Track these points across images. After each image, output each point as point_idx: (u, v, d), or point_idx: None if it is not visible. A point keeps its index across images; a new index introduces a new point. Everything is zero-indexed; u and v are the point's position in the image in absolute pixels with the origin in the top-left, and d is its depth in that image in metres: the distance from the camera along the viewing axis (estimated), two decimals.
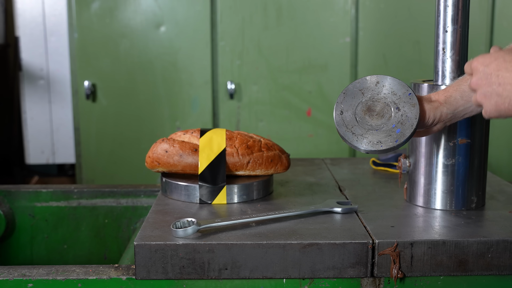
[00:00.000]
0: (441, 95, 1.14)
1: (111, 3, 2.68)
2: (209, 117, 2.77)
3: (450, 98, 1.13)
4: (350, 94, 1.17)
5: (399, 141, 1.12)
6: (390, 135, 1.13)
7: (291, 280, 1.15)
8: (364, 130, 1.15)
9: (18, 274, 1.15)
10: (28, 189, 1.71)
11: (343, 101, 1.17)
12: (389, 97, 1.15)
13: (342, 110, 1.16)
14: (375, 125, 1.14)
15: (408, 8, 2.73)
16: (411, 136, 1.13)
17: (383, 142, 1.13)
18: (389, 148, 1.13)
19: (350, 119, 1.16)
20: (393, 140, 1.13)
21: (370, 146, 1.13)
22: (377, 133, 1.14)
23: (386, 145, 1.13)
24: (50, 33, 3.24)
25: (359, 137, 1.14)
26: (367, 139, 1.14)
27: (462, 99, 1.12)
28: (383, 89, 1.16)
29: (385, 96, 1.16)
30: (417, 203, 1.36)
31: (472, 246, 1.14)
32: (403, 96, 1.15)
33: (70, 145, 3.29)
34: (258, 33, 2.70)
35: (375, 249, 1.13)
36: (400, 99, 1.15)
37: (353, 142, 1.14)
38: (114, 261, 1.71)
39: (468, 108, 1.12)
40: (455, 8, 1.26)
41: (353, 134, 1.15)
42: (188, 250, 1.12)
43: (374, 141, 1.13)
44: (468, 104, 1.12)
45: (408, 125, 1.13)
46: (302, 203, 1.38)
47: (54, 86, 3.29)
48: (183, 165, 1.40)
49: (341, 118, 1.16)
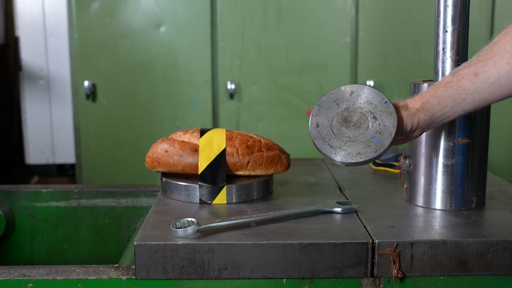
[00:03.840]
0: (417, 101, 1.12)
1: (111, 3, 2.68)
2: (209, 117, 2.77)
3: (427, 104, 1.11)
4: (325, 106, 1.13)
5: (379, 151, 1.09)
6: (369, 145, 1.09)
7: (291, 280, 1.15)
8: (341, 142, 1.11)
9: (18, 274, 1.15)
10: (28, 189, 1.71)
11: (318, 113, 1.13)
12: (365, 107, 1.12)
13: (318, 123, 1.12)
14: (353, 136, 1.11)
15: (408, 8, 2.73)
16: (391, 145, 1.10)
17: (362, 154, 1.09)
18: (369, 159, 1.09)
19: (326, 131, 1.12)
20: (372, 150, 1.09)
21: (349, 158, 1.09)
22: (355, 144, 1.10)
23: (365, 156, 1.09)
24: (50, 33, 3.24)
25: (337, 150, 1.10)
26: (345, 151, 1.10)
27: (439, 104, 1.10)
28: (359, 99, 1.12)
29: (361, 106, 1.12)
30: (417, 203, 1.36)
31: (472, 246, 1.14)
32: (379, 105, 1.11)
33: (70, 145, 3.29)
34: (258, 33, 2.70)
35: (375, 249, 1.13)
36: (377, 108, 1.11)
37: (331, 156, 1.10)
38: (114, 261, 1.71)
39: (446, 114, 1.11)
40: (455, 8, 1.26)
41: (330, 147, 1.11)
42: (188, 250, 1.12)
43: (353, 153, 1.10)
44: (445, 109, 1.10)
45: (386, 134, 1.09)
46: (302, 203, 1.38)
47: (54, 86, 3.29)
48: (183, 165, 1.40)
49: (317, 131, 1.12)
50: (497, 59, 1.08)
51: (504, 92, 1.10)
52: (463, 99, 1.10)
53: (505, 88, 1.09)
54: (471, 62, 1.12)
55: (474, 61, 1.12)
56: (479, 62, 1.10)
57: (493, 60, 1.09)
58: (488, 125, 1.32)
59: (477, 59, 1.11)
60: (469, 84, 1.10)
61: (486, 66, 1.09)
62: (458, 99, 1.10)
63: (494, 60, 1.09)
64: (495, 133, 2.46)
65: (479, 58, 1.11)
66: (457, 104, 1.10)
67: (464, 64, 1.13)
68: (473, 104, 1.11)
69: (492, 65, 1.09)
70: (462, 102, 1.10)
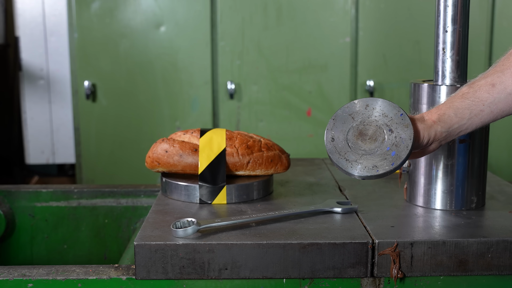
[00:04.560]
0: (434, 113, 1.11)
1: (111, 3, 2.68)
2: (209, 117, 2.77)
3: (444, 116, 1.10)
4: (340, 120, 1.13)
5: (395, 164, 1.08)
6: (385, 158, 1.08)
7: (291, 280, 1.15)
8: (357, 155, 1.10)
9: (18, 274, 1.15)
10: (28, 189, 1.71)
11: (333, 127, 1.12)
12: (381, 120, 1.11)
13: (333, 137, 1.12)
14: (369, 149, 1.10)
15: (408, 8, 2.73)
16: (407, 157, 1.09)
17: (379, 166, 1.08)
18: (386, 172, 1.08)
19: (342, 145, 1.11)
20: (389, 163, 1.08)
21: (365, 171, 1.08)
22: (372, 157, 1.09)
23: (382, 169, 1.08)
24: (50, 33, 3.24)
25: (353, 163, 1.09)
26: (361, 164, 1.09)
27: (456, 116, 1.09)
28: (374, 112, 1.12)
29: (376, 119, 1.11)
30: (417, 203, 1.36)
31: (472, 246, 1.14)
32: (394, 117, 1.10)
33: (70, 145, 3.29)
34: (258, 33, 2.70)
35: (375, 249, 1.13)
36: (392, 121, 1.10)
37: (347, 169, 1.09)
38: (114, 261, 1.71)
39: (463, 126, 1.10)
40: (455, 8, 1.26)
41: (346, 160, 1.10)
42: (188, 250, 1.12)
43: (369, 166, 1.09)
44: (462, 121, 1.09)
45: (403, 146, 1.08)
46: (302, 203, 1.38)
47: (54, 86, 3.29)
48: (183, 165, 1.40)
49: (332, 145, 1.11)
50: None
51: None
52: (480, 110, 1.09)
53: None
54: (487, 73, 1.11)
55: (490, 72, 1.11)
56: (496, 72, 1.09)
57: (510, 70, 1.08)
58: (488, 125, 1.32)
59: (493, 70, 1.10)
60: (486, 95, 1.08)
61: (503, 77, 1.08)
62: (475, 110, 1.09)
63: (511, 70, 1.08)
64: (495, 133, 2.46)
65: (495, 68, 1.10)
66: (474, 116, 1.09)
67: (481, 75, 1.12)
68: (491, 116, 1.09)
69: (509, 75, 1.08)
70: (480, 114, 1.09)
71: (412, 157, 1.18)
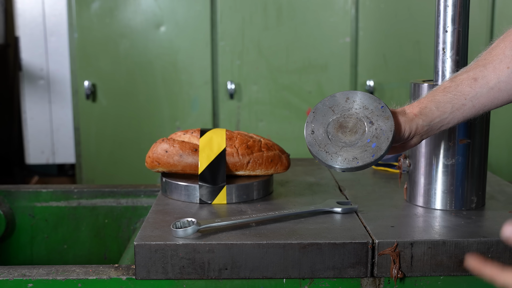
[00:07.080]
0: (415, 107, 1.10)
1: (111, 3, 2.68)
2: (209, 117, 2.77)
3: (425, 110, 1.09)
4: (320, 113, 1.13)
5: (376, 156, 1.07)
6: (366, 150, 1.08)
7: (291, 280, 1.15)
8: (338, 147, 1.09)
9: (18, 274, 1.15)
10: (28, 189, 1.71)
11: (313, 120, 1.13)
12: (361, 112, 1.11)
13: (313, 130, 1.12)
14: (349, 141, 1.09)
15: (408, 8, 2.73)
16: (388, 150, 1.08)
17: (359, 158, 1.08)
18: (366, 164, 1.08)
19: (322, 137, 1.11)
20: (369, 155, 1.07)
21: (345, 163, 1.08)
22: (352, 149, 1.09)
23: (362, 160, 1.07)
24: (50, 33, 3.24)
25: (333, 156, 1.09)
26: (341, 156, 1.08)
27: (438, 110, 1.08)
28: (354, 105, 1.11)
29: (356, 112, 1.11)
30: (417, 203, 1.36)
31: (472, 246, 1.14)
32: (375, 110, 1.10)
33: (70, 145, 3.29)
34: (258, 33, 2.70)
35: (375, 249, 1.13)
36: (373, 113, 1.10)
37: (327, 162, 1.09)
38: (114, 261, 1.71)
39: (445, 120, 1.09)
40: (455, 8, 1.26)
41: (326, 152, 1.09)
42: (188, 250, 1.12)
43: (349, 158, 1.08)
44: (444, 115, 1.09)
45: (383, 138, 1.08)
46: (302, 203, 1.38)
47: (54, 86, 3.29)
48: (183, 165, 1.40)
49: (312, 137, 1.11)
50: (496, 63, 1.08)
51: (504, 97, 1.09)
52: (462, 105, 1.08)
53: (505, 93, 1.08)
54: (470, 67, 1.11)
55: (473, 66, 1.11)
56: (478, 67, 1.09)
57: (492, 64, 1.08)
58: (488, 125, 1.32)
59: (476, 64, 1.10)
60: (468, 89, 1.08)
61: (485, 71, 1.08)
62: (457, 104, 1.08)
63: (493, 64, 1.08)
64: (495, 133, 2.46)
65: (478, 63, 1.10)
66: (456, 110, 1.09)
67: (463, 69, 1.12)
68: (473, 110, 1.09)
69: (492, 69, 1.08)
70: (462, 108, 1.09)
71: (394, 152, 1.18)
